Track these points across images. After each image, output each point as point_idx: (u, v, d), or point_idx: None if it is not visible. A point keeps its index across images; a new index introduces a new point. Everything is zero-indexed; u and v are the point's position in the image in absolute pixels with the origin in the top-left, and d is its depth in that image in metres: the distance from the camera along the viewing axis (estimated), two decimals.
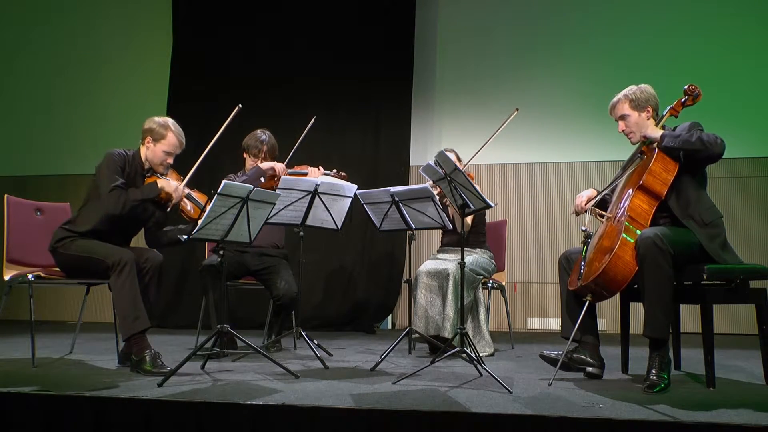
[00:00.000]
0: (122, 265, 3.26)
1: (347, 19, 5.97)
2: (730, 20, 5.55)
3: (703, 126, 3.05)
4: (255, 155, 4.25)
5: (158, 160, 3.51)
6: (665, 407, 2.45)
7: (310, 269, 5.33)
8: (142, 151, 3.55)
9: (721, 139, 2.91)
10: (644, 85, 3.18)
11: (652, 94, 3.16)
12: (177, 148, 3.54)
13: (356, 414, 2.42)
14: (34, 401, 2.62)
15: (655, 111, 3.15)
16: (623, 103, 3.16)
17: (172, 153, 3.53)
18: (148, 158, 3.53)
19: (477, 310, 4.00)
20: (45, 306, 6.16)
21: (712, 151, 2.90)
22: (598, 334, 3.20)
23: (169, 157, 3.53)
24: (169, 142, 3.50)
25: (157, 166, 3.53)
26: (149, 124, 3.52)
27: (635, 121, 3.15)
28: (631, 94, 3.15)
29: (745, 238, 5.37)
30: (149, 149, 3.52)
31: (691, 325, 3.87)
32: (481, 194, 3.15)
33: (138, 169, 3.52)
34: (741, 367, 3.55)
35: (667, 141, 2.98)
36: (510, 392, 2.73)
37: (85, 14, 6.69)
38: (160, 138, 3.49)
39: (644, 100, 3.13)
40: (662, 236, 2.80)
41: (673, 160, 2.97)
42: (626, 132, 3.19)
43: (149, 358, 3.20)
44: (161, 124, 3.50)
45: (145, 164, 3.55)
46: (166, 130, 3.49)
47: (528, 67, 5.91)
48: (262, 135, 4.29)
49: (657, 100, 3.16)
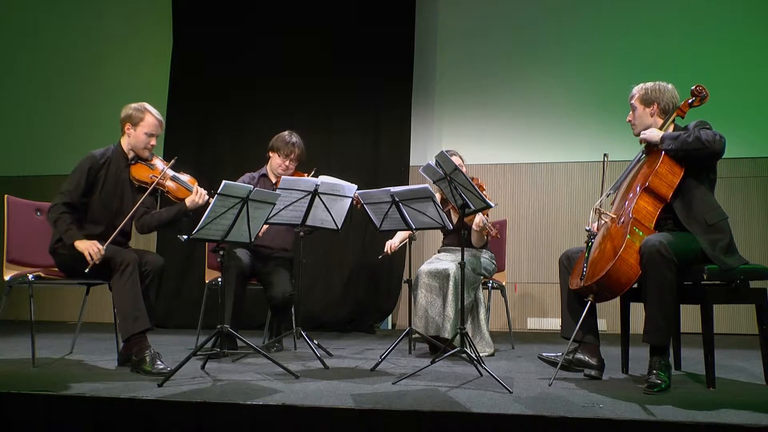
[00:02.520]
0: (125, 265, 3.26)
1: (347, 20, 5.96)
2: (730, 20, 5.55)
3: (709, 124, 3.03)
4: (287, 155, 4.20)
5: (142, 144, 3.55)
6: (665, 407, 2.45)
7: (311, 269, 5.33)
8: (123, 142, 3.58)
9: (720, 135, 2.90)
10: (665, 83, 3.18)
11: (666, 93, 3.15)
12: (158, 129, 3.59)
13: (356, 414, 2.42)
14: (34, 401, 2.62)
15: (663, 111, 3.15)
16: (636, 95, 3.21)
17: (154, 134, 3.58)
18: (131, 145, 3.57)
19: (477, 310, 4.00)
20: (45, 306, 6.16)
21: (711, 149, 2.89)
22: (599, 334, 3.20)
23: (151, 138, 3.57)
24: (148, 123, 3.55)
25: (141, 151, 3.57)
26: (126, 111, 3.57)
27: (639, 115, 3.19)
28: (645, 87, 3.18)
29: (745, 238, 5.36)
30: (131, 135, 3.56)
31: (691, 325, 3.86)
32: (481, 194, 3.16)
33: (120, 163, 3.55)
34: (741, 367, 3.55)
35: (666, 144, 2.98)
36: (510, 392, 2.73)
37: (85, 14, 6.68)
38: (139, 121, 3.54)
39: (653, 96, 3.15)
40: (667, 244, 2.79)
41: (678, 163, 2.97)
42: (631, 123, 3.25)
43: (149, 359, 3.20)
44: (137, 108, 3.56)
45: (129, 154, 3.58)
46: (144, 112, 3.55)
47: (528, 67, 5.90)
48: (293, 137, 4.24)
49: (671, 101, 3.15)
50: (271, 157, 4.28)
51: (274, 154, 4.25)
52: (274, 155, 4.25)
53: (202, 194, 3.57)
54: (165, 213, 3.63)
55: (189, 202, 3.56)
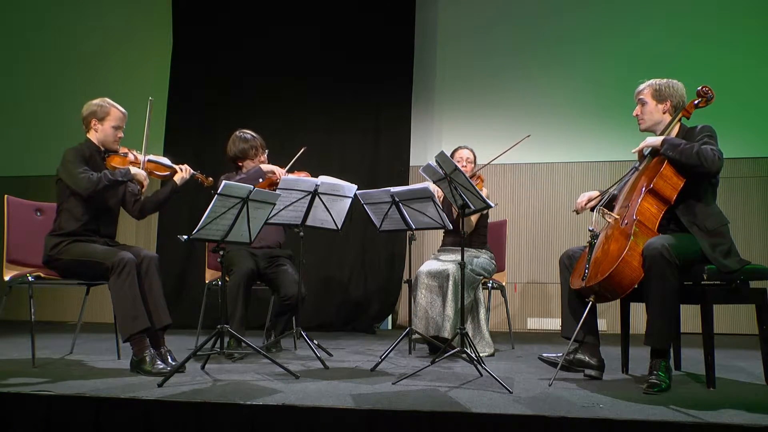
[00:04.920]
0: (122, 266, 3.27)
1: (348, 20, 5.95)
2: (730, 20, 5.55)
3: (715, 132, 3.02)
4: (255, 155, 4.23)
5: (111, 138, 3.59)
6: (665, 407, 2.45)
7: (311, 270, 5.33)
8: (92, 137, 3.60)
9: (720, 156, 2.89)
10: (676, 81, 3.17)
11: (678, 90, 3.14)
12: (123, 121, 3.63)
13: (356, 414, 2.42)
14: (35, 401, 2.62)
15: (675, 108, 3.14)
16: (647, 90, 3.18)
17: (121, 126, 3.62)
18: (100, 141, 3.60)
19: (477, 311, 4.00)
20: (45, 306, 6.15)
21: (707, 169, 2.87)
22: (599, 334, 3.19)
23: (118, 131, 3.61)
24: (113, 116, 3.58)
25: (110, 144, 3.60)
26: (89, 108, 3.60)
27: (650, 110, 3.16)
28: (657, 83, 3.16)
29: (745, 238, 5.37)
30: (98, 131, 3.58)
31: (691, 325, 3.87)
32: (481, 194, 3.15)
33: (96, 157, 3.57)
34: (741, 367, 3.55)
35: (665, 149, 2.96)
36: (510, 392, 2.72)
37: (86, 15, 6.68)
38: (105, 115, 3.57)
39: (667, 93, 3.13)
40: (669, 247, 2.79)
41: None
42: (638, 117, 3.21)
43: (149, 359, 3.20)
44: (101, 104, 3.59)
45: (100, 148, 3.61)
46: (108, 107, 3.59)
47: (528, 67, 5.90)
48: (245, 134, 4.27)
49: (681, 99, 3.14)
50: (243, 165, 4.27)
51: (245, 162, 4.25)
52: (247, 162, 4.25)
53: (186, 169, 3.73)
54: (159, 194, 3.72)
55: (178, 180, 3.69)
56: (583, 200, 3.34)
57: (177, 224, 5.66)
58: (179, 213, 5.82)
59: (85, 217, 3.47)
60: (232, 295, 3.88)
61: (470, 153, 4.25)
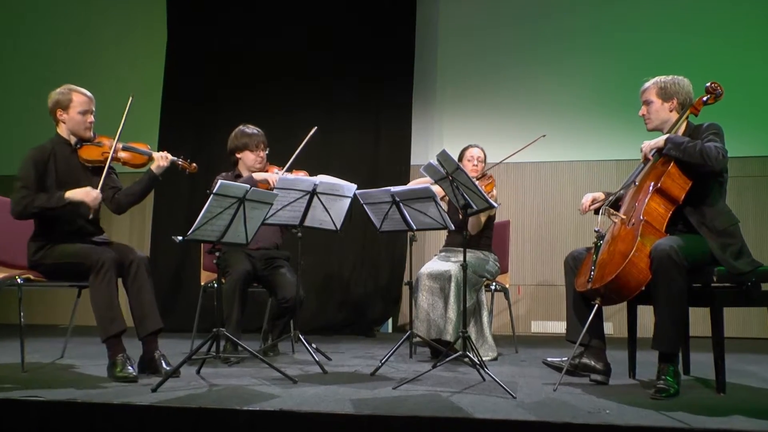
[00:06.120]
0: (100, 265, 3.18)
1: (348, 19, 5.94)
2: (739, 17, 5.51)
3: (722, 129, 2.96)
4: (256, 147, 4.16)
5: (81, 125, 3.45)
6: (674, 413, 2.40)
7: (309, 271, 5.27)
8: (61, 130, 3.48)
9: (723, 154, 2.84)
10: (681, 77, 3.12)
11: (684, 87, 3.09)
12: (90, 104, 3.49)
13: (356, 420, 2.39)
14: (24, 407, 2.56)
15: (682, 105, 3.09)
16: (652, 88, 3.13)
17: (89, 110, 3.48)
18: (70, 130, 3.47)
19: (480, 313, 3.95)
20: (35, 309, 6.04)
21: (710, 167, 2.83)
22: (605, 337, 3.14)
23: (87, 115, 3.47)
24: (78, 101, 3.45)
25: (83, 132, 3.46)
26: (52, 99, 3.47)
27: (656, 109, 3.11)
28: (662, 81, 3.11)
29: (756, 238, 5.30)
30: (66, 121, 3.46)
31: (700, 328, 3.80)
32: (484, 194, 3.10)
33: (65, 151, 3.45)
34: (752, 372, 3.51)
35: (668, 148, 2.92)
36: (514, 397, 2.69)
37: (80, 13, 6.65)
38: (69, 102, 3.44)
39: (673, 91, 3.08)
40: (678, 249, 2.74)
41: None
42: (645, 117, 3.16)
43: (120, 362, 3.12)
44: (62, 92, 3.46)
45: (71, 140, 3.48)
46: (70, 93, 3.46)
47: (530, 66, 5.87)
48: (248, 128, 4.21)
49: (688, 95, 3.09)
50: (242, 157, 4.20)
51: (244, 152, 4.18)
52: (246, 153, 4.18)
53: (164, 156, 3.53)
54: (136, 186, 3.54)
55: (155, 169, 3.50)
56: (587, 201, 3.28)
57: (172, 225, 5.60)
58: (174, 213, 5.77)
59: (63, 219, 3.35)
60: (228, 298, 3.82)
61: (481, 152, 4.19)
